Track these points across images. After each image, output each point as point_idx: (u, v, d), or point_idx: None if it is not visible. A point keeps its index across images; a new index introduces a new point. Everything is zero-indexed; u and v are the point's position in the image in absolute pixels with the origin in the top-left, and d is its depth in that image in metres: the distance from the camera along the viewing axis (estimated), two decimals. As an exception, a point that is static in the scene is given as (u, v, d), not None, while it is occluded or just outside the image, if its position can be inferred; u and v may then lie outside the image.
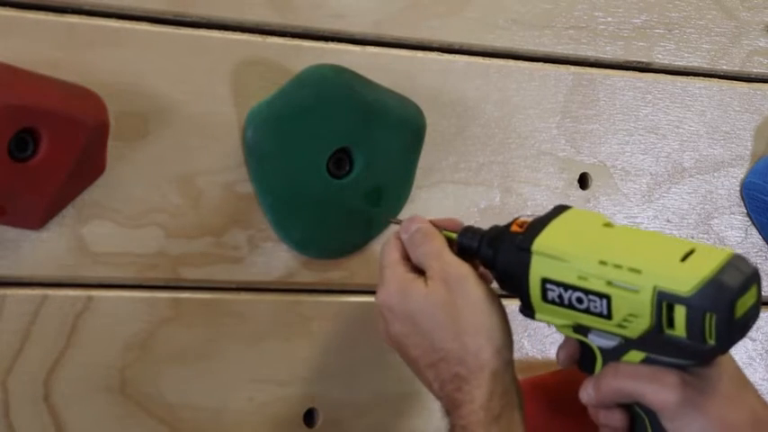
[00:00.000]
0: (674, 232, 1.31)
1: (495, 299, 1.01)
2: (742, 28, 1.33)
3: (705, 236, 1.33)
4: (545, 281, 0.98)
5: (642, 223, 1.29)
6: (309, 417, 1.16)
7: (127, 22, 1.05)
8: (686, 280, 0.92)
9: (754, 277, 0.95)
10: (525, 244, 0.99)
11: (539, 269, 0.99)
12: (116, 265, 1.06)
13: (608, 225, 1.01)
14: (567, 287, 0.97)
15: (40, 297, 1.04)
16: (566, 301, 0.98)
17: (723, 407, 0.96)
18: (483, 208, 1.21)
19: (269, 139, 1.08)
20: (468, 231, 1.05)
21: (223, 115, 1.09)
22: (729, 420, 0.96)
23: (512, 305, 1.02)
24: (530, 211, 1.23)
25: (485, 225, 1.14)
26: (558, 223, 1.01)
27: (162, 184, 1.07)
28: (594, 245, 0.98)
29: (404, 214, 1.16)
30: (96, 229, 1.05)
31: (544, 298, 0.99)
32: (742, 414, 0.97)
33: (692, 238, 1.32)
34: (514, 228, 1.02)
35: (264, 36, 1.11)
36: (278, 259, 1.12)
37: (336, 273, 1.15)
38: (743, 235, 1.35)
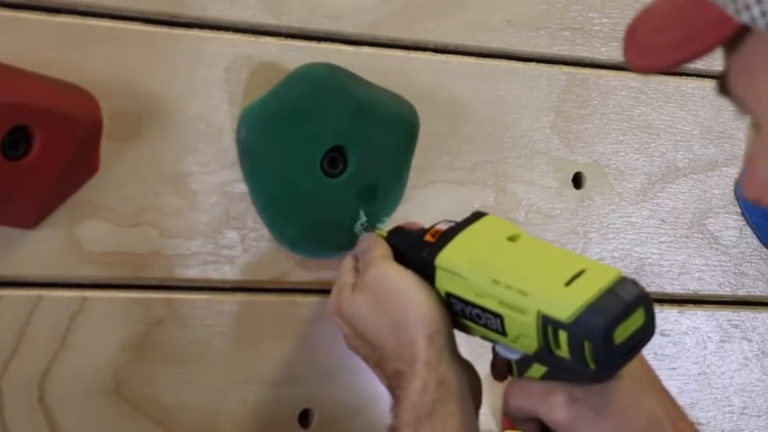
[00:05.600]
0: (669, 232, 1.31)
1: (423, 286, 1.02)
2: (736, 28, 1.33)
3: (700, 236, 1.33)
4: (449, 295, 1.01)
5: (636, 223, 1.29)
6: (304, 417, 1.15)
7: (121, 22, 1.05)
8: (566, 306, 0.93)
9: (638, 301, 0.95)
10: (430, 258, 1.02)
11: (443, 283, 1.01)
12: (110, 265, 1.06)
13: (513, 238, 1.03)
14: (466, 303, 1.00)
15: (35, 297, 1.04)
16: (468, 316, 1.00)
17: (617, 418, 0.97)
18: (477, 207, 1.20)
19: (263, 138, 1.08)
20: (396, 231, 1.08)
21: (217, 115, 1.09)
22: (624, 430, 0.97)
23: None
24: (524, 212, 1.23)
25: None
26: (465, 235, 1.03)
27: (156, 183, 1.07)
28: (492, 262, 0.99)
29: (398, 214, 1.16)
30: (90, 229, 1.05)
31: (451, 309, 1.01)
32: (638, 422, 0.97)
33: (687, 237, 1.32)
34: (428, 237, 1.04)
35: (259, 36, 1.11)
36: (272, 259, 1.12)
37: (330, 272, 1.14)
38: (738, 235, 1.35)
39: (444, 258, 1.01)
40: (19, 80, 0.97)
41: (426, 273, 1.02)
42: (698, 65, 1.31)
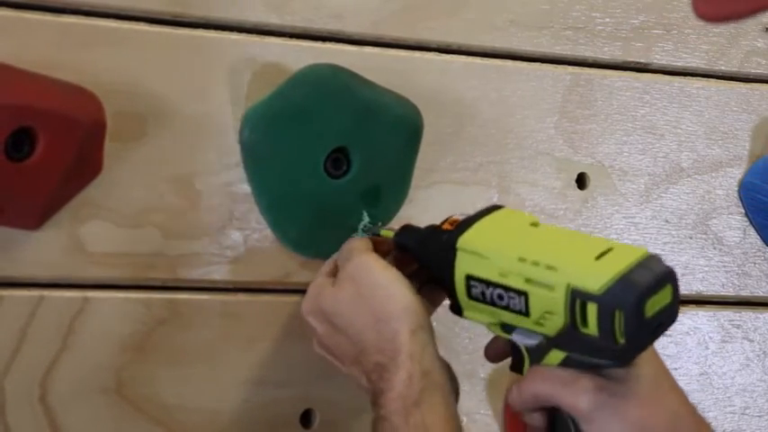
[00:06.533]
0: (673, 232, 1.31)
1: (404, 281, 1.02)
2: (740, 28, 1.33)
3: (703, 236, 1.33)
4: (469, 277, 1.00)
5: (640, 223, 1.29)
6: (306, 418, 1.16)
7: (125, 22, 1.05)
8: (597, 278, 0.93)
9: (667, 277, 0.95)
10: (451, 241, 1.01)
11: (463, 266, 1.00)
12: (113, 266, 1.06)
13: (534, 225, 1.03)
14: (488, 284, 0.99)
15: (37, 298, 1.04)
16: (488, 298, 0.99)
17: (641, 410, 0.96)
18: (481, 208, 1.21)
19: (266, 139, 1.08)
20: (405, 230, 1.07)
21: (220, 115, 1.09)
22: (647, 423, 0.96)
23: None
24: (527, 212, 1.23)
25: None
26: (485, 222, 1.03)
27: (159, 184, 1.07)
28: (516, 242, 0.99)
29: (402, 214, 1.16)
30: (93, 230, 1.05)
31: (469, 294, 1.00)
32: (661, 417, 0.96)
33: (691, 238, 1.32)
34: (445, 226, 1.04)
35: (262, 36, 1.10)
36: (275, 260, 1.12)
37: (333, 273, 1.15)
38: (741, 235, 1.35)
39: (467, 240, 1.00)
40: (23, 82, 0.96)
41: (445, 258, 1.01)
42: (702, 65, 1.32)
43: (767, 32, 1.35)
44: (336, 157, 1.11)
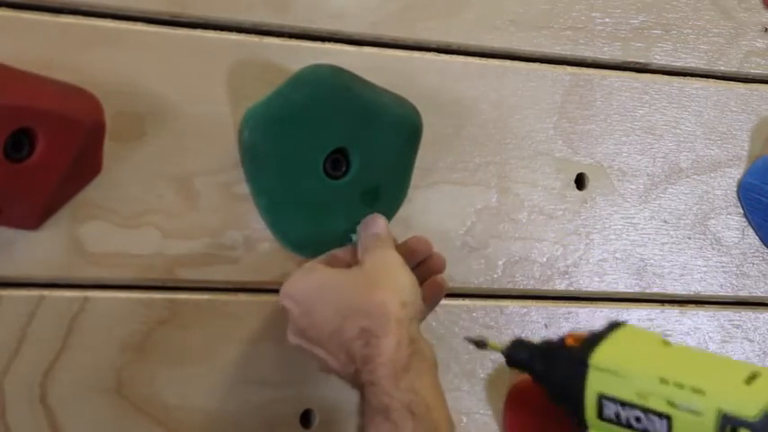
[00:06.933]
0: (671, 233, 1.31)
1: (406, 270, 1.04)
2: (739, 29, 1.33)
3: (702, 236, 1.33)
4: (602, 396, 0.96)
5: (639, 224, 1.29)
6: (306, 418, 1.16)
7: (123, 22, 1.05)
8: (752, 403, 0.90)
9: None
10: (582, 357, 0.97)
11: (595, 384, 0.97)
12: (112, 266, 1.06)
13: (666, 344, 1.00)
14: (624, 404, 0.95)
15: (37, 298, 1.04)
16: (623, 420, 0.96)
17: None
18: (480, 208, 1.21)
19: (265, 139, 1.08)
20: (518, 344, 1.04)
21: (220, 116, 1.09)
22: None
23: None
24: (526, 212, 1.23)
25: (481, 225, 1.15)
26: (615, 339, 0.99)
27: (158, 184, 1.07)
28: (655, 362, 0.96)
29: (401, 214, 1.16)
30: (93, 230, 1.05)
31: (600, 415, 0.97)
32: None
33: (689, 238, 1.32)
34: (569, 341, 1.00)
35: (261, 36, 1.10)
36: (274, 260, 1.12)
37: (333, 274, 1.15)
38: (740, 236, 1.35)
39: (600, 357, 0.97)
40: (22, 82, 0.96)
41: (573, 376, 0.97)
42: (701, 65, 1.32)
43: (767, 32, 1.35)
44: (336, 158, 1.11)
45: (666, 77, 1.31)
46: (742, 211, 1.35)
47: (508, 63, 1.22)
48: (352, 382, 1.02)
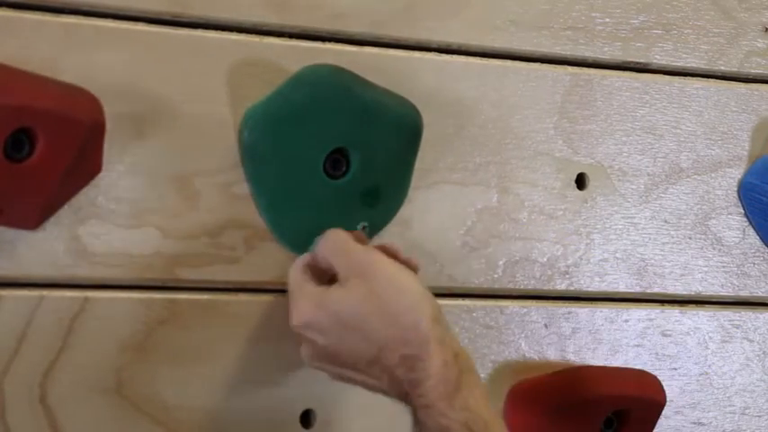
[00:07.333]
0: (672, 233, 1.31)
1: (409, 273, 1.02)
2: (740, 29, 1.33)
3: (703, 236, 1.33)
4: None
5: (639, 224, 1.29)
6: (306, 418, 1.16)
7: (124, 22, 1.05)
8: None
9: None
10: None
11: None
12: (112, 266, 1.06)
13: None
14: None
15: (37, 298, 1.04)
16: None
17: None
18: (480, 208, 1.21)
19: (265, 139, 1.08)
20: None
21: (220, 116, 1.09)
22: None
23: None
24: (527, 212, 1.23)
25: (481, 225, 1.15)
26: None
27: (158, 184, 1.07)
28: None
29: (401, 215, 1.16)
30: (93, 230, 1.05)
31: None
32: None
33: (690, 238, 1.32)
34: None
35: (262, 36, 1.10)
36: (274, 260, 1.12)
37: (333, 274, 1.15)
38: (740, 236, 1.35)
39: None
40: (22, 82, 0.96)
41: None
42: (701, 65, 1.32)
43: (767, 32, 1.35)
44: (336, 158, 1.11)
45: (667, 77, 1.30)
46: (743, 211, 1.35)
47: (508, 63, 1.22)
48: (400, 400, 1.01)
